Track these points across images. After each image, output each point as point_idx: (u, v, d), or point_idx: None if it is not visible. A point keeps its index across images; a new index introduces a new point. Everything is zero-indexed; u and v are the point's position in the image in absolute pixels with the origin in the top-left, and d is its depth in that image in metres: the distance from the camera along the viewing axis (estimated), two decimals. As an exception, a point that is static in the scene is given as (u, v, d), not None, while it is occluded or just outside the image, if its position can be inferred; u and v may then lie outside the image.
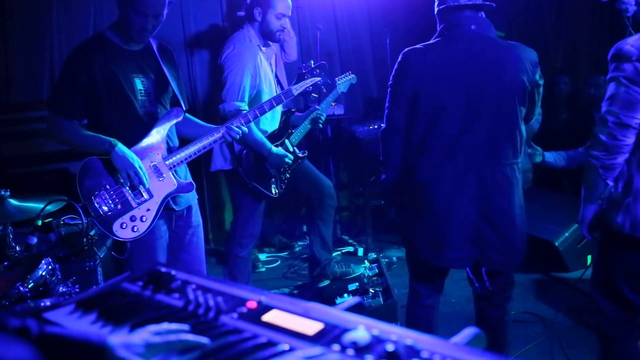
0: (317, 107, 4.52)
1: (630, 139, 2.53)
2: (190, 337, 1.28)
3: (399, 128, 2.90)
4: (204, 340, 1.27)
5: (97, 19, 5.13)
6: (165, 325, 1.31)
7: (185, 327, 1.32)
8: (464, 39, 2.79)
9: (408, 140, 2.89)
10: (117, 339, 1.23)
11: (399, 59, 2.89)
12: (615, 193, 2.65)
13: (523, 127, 2.86)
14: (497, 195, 2.81)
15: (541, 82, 2.89)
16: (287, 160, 4.15)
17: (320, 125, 4.57)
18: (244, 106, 3.99)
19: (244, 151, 4.09)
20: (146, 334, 1.27)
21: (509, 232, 2.86)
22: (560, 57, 6.66)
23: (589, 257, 5.00)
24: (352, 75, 4.76)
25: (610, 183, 2.65)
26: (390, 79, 2.93)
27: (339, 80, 4.68)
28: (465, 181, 2.80)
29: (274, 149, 4.10)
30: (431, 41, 2.88)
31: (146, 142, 2.99)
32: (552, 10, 6.58)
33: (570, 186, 6.09)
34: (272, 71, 4.34)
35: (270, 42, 4.34)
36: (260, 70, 4.12)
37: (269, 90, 4.19)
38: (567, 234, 4.96)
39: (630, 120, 2.49)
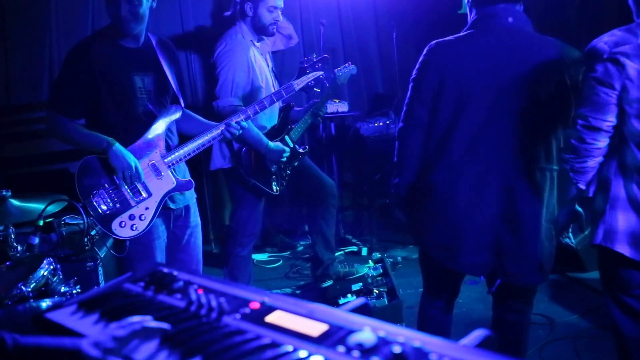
0: (317, 100, 4.47)
1: (602, 142, 2.42)
2: (153, 323, 1.29)
3: (420, 125, 2.72)
4: (165, 325, 1.29)
5: (96, 20, 5.12)
6: (128, 319, 1.31)
7: (148, 318, 1.32)
8: (500, 31, 2.62)
9: (428, 139, 2.72)
10: (88, 341, 1.24)
11: (425, 51, 2.74)
12: (596, 204, 2.56)
13: (560, 131, 2.65)
14: (524, 199, 2.60)
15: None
16: (284, 155, 4.13)
17: (320, 120, 4.53)
18: (238, 102, 3.99)
19: (243, 149, 4.08)
20: (112, 330, 1.28)
21: (532, 243, 2.63)
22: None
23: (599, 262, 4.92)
24: (352, 66, 4.64)
25: (582, 187, 2.55)
26: (414, 72, 2.76)
27: (338, 72, 4.56)
28: (487, 181, 2.61)
29: (271, 144, 4.08)
30: (462, 33, 2.72)
31: (144, 140, 2.99)
32: (575, 3, 6.47)
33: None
34: (267, 66, 4.33)
35: (264, 37, 4.32)
36: (254, 66, 4.12)
37: (265, 85, 4.18)
38: (585, 233, 4.86)
39: (600, 123, 2.39)
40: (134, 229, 2.91)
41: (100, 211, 2.86)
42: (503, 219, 2.62)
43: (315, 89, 3.82)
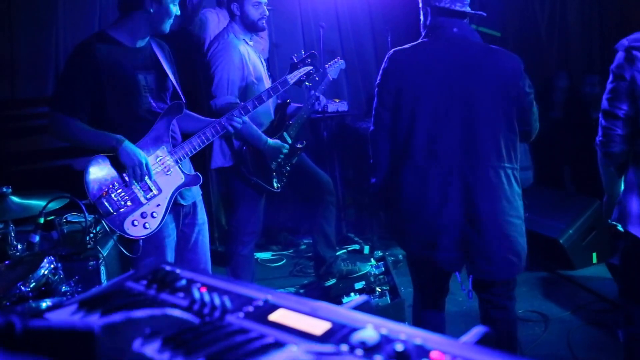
0: (312, 92, 4.52)
1: (621, 130, 2.53)
2: (177, 312, 1.25)
3: (386, 128, 2.91)
4: (192, 318, 1.25)
5: (103, 14, 5.12)
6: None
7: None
8: (446, 40, 2.81)
9: (394, 141, 2.90)
10: (100, 321, 1.20)
11: (385, 58, 2.93)
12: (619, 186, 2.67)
13: (513, 133, 2.81)
14: (481, 199, 2.74)
15: (530, 91, 2.83)
16: (284, 151, 4.15)
17: (318, 108, 4.54)
18: (235, 99, 4.03)
19: (244, 147, 4.09)
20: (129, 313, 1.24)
21: (495, 240, 2.76)
22: (555, 57, 6.71)
23: (594, 255, 4.98)
24: (341, 61, 4.75)
25: (613, 170, 2.67)
26: (377, 78, 2.96)
27: (328, 67, 4.68)
28: (449, 182, 2.76)
29: (270, 141, 4.10)
30: (417, 42, 2.91)
31: (151, 137, 2.99)
32: (545, 11, 6.63)
33: (573, 183, 6.07)
34: (262, 63, 4.34)
35: (257, 35, 4.35)
36: (247, 63, 4.15)
37: (260, 82, 4.20)
38: (571, 231, 4.92)
39: (617, 111, 2.50)
40: (146, 227, 2.90)
41: (112, 210, 2.84)
42: (467, 218, 2.77)
43: (306, 82, 3.90)
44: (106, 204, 2.84)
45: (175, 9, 2.97)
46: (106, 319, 1.21)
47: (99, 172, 2.87)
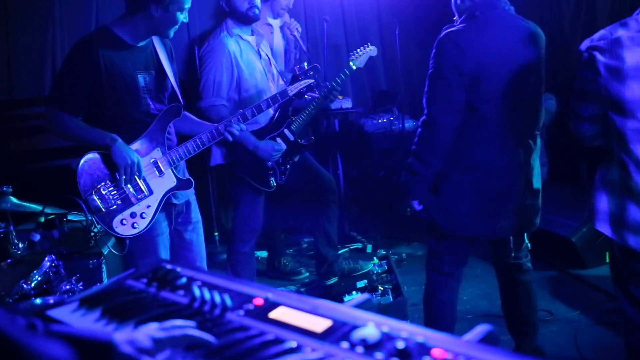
0: (327, 84, 4.36)
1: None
2: (197, 332, 1.25)
3: (459, 110, 2.85)
4: (210, 337, 1.24)
5: (100, 13, 5.08)
6: (171, 322, 1.28)
7: (192, 324, 1.29)
8: (502, 20, 2.88)
9: (467, 120, 2.87)
10: (122, 335, 1.22)
11: (448, 39, 2.83)
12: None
13: None
14: (533, 163, 2.99)
15: None
16: (275, 152, 4.12)
17: (332, 98, 4.41)
18: (220, 101, 4.03)
19: (238, 146, 4.07)
20: (151, 330, 1.25)
21: (539, 193, 3.06)
22: (579, 51, 6.57)
23: (608, 254, 4.89)
24: (371, 48, 4.40)
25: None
26: (442, 61, 2.85)
27: (353, 55, 4.37)
28: (517, 154, 2.91)
29: (260, 142, 4.08)
30: (464, 24, 2.86)
31: (146, 138, 2.98)
32: (570, 0, 6.49)
33: (588, 180, 6.01)
34: (260, 58, 4.30)
35: (257, 29, 4.34)
36: (238, 61, 4.14)
37: (252, 77, 4.18)
38: (584, 230, 4.78)
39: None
40: (134, 227, 2.90)
41: (102, 208, 2.84)
42: (526, 184, 2.97)
43: (306, 95, 3.86)
44: (97, 200, 2.84)
45: (182, 17, 2.94)
46: (130, 338, 1.21)
47: (92, 168, 2.87)
